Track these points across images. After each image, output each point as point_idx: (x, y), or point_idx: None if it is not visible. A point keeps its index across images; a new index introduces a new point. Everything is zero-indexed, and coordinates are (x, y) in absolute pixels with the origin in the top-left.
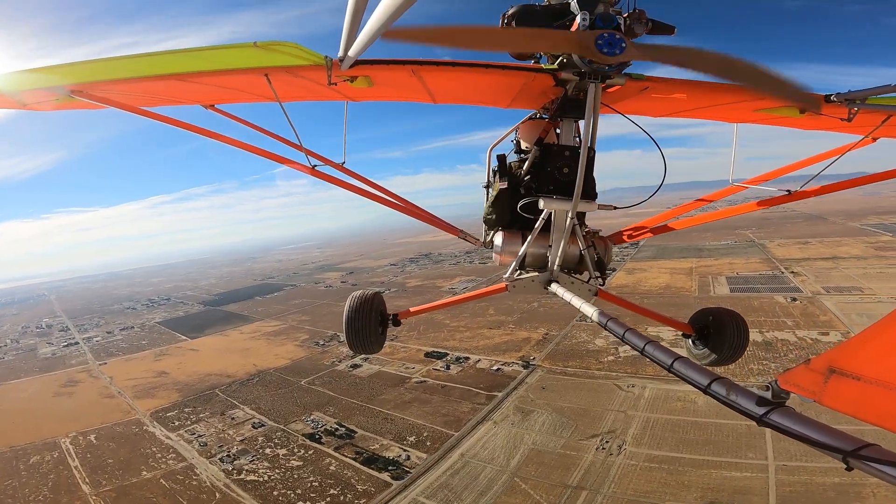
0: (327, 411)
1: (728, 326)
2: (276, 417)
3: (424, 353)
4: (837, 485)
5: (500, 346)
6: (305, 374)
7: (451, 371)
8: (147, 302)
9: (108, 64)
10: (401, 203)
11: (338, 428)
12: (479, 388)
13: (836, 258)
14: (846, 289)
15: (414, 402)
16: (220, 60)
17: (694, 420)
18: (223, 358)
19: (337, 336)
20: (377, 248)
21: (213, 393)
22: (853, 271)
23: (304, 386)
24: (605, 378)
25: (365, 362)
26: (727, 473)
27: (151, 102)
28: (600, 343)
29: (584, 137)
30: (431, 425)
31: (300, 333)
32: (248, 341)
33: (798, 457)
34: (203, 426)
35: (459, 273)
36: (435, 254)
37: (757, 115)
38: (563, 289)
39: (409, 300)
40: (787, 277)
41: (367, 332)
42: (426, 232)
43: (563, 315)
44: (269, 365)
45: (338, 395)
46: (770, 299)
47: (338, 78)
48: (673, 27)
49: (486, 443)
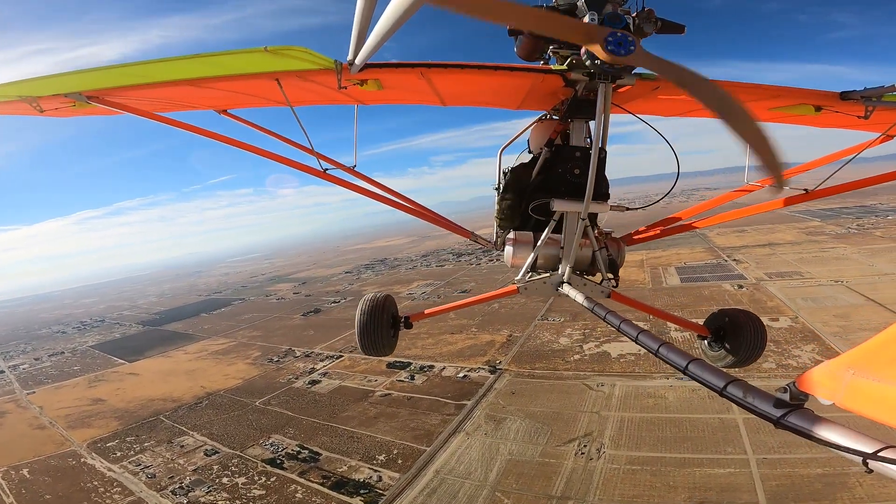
0: (287, 433)
1: (745, 328)
2: (231, 443)
3: (386, 363)
4: (822, 476)
5: (464, 351)
6: (260, 394)
7: (416, 381)
8: (78, 325)
9: (123, 70)
10: (412, 206)
11: (300, 451)
12: (447, 397)
13: (773, 244)
14: (787, 274)
15: (380, 417)
16: (232, 66)
17: (668, 416)
18: (166, 381)
19: (292, 351)
20: (330, 255)
21: (158, 419)
22: (790, 256)
23: (260, 407)
24: (573, 378)
25: (324, 377)
26: (710, 471)
27: (166, 108)
28: (564, 342)
29: (594, 138)
30: (401, 441)
31: (251, 350)
32: (193, 362)
33: (776, 449)
34: (149, 456)
35: (416, 277)
36: (391, 259)
37: (772, 113)
38: (576, 290)
39: None
40: (730, 265)
41: (378, 335)
42: (379, 237)
43: (524, 315)
44: (218, 386)
45: (297, 414)
46: (719, 287)
47: (348, 82)
48: (683, 26)
49: (460, 456)
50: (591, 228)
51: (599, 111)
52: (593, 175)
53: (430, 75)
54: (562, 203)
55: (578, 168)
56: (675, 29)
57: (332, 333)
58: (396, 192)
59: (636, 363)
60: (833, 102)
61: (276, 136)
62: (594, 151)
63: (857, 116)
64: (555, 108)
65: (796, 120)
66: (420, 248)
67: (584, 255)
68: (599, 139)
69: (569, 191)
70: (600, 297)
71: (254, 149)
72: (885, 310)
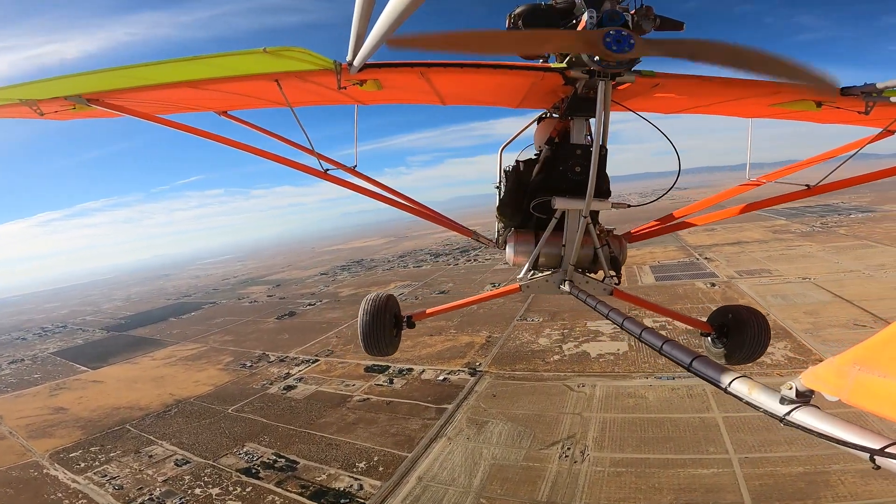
0: (262, 441)
1: (748, 325)
2: (203, 452)
3: (364, 367)
4: (804, 474)
5: (443, 353)
6: (232, 400)
7: (394, 385)
8: (39, 331)
9: (123, 73)
10: (413, 205)
11: (276, 459)
12: (428, 401)
13: (741, 243)
14: (756, 272)
15: (359, 423)
16: (232, 67)
17: (649, 416)
18: (133, 389)
19: (266, 356)
20: (305, 257)
21: (124, 429)
22: (758, 255)
23: (232, 414)
24: (554, 379)
25: (300, 383)
26: (694, 471)
27: (166, 110)
28: (544, 342)
29: (595, 136)
30: (381, 448)
31: (223, 356)
32: (161, 368)
33: (757, 448)
34: (115, 467)
35: (394, 278)
36: (367, 260)
37: (772, 109)
38: (578, 288)
39: (343, 311)
40: (702, 264)
41: (381, 334)
42: (356, 238)
43: (503, 316)
44: (188, 393)
45: (272, 421)
46: (692, 286)
47: (347, 82)
48: (682, 22)
49: (443, 462)
50: (592, 226)
51: (599, 109)
52: (594, 172)
53: (429, 75)
54: (563, 201)
55: (579, 166)
56: (674, 26)
57: (308, 337)
58: (397, 192)
59: (615, 363)
60: (833, 98)
61: (277, 137)
62: (595, 149)
63: (858, 112)
64: (555, 106)
65: (797, 116)
66: (397, 248)
67: (586, 253)
68: (600, 137)
69: (570, 188)
70: (603, 294)
71: (254, 150)
72: (852, 306)
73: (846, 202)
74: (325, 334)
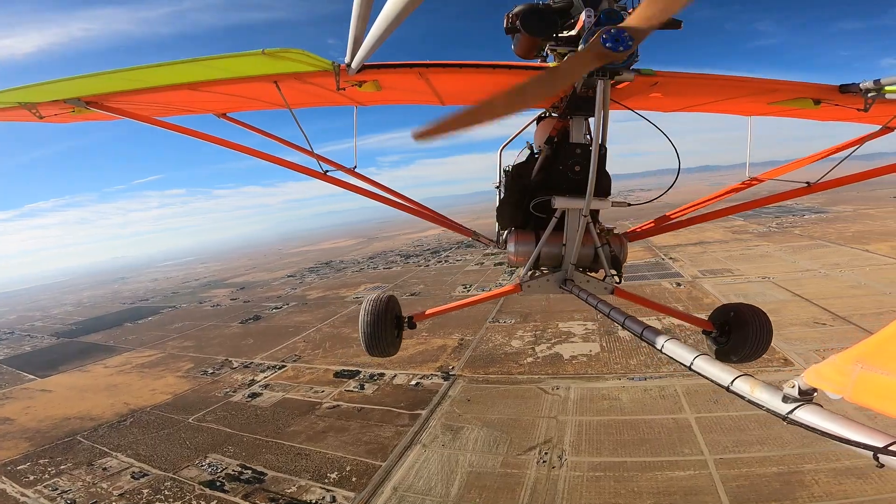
0: (226, 452)
1: (750, 323)
2: (162, 464)
3: (333, 372)
4: (779, 474)
5: (415, 357)
6: (193, 409)
7: (366, 391)
8: None
9: (122, 75)
10: (413, 206)
11: (242, 471)
12: (401, 407)
13: (703, 243)
14: (718, 271)
15: (329, 431)
16: (230, 69)
17: (623, 419)
18: (84, 398)
19: (229, 362)
20: (272, 259)
21: (75, 440)
22: (720, 254)
23: (193, 424)
24: (528, 382)
25: (265, 390)
26: (672, 474)
27: (165, 112)
28: (517, 344)
29: (594, 135)
30: (354, 457)
31: (183, 362)
32: (115, 376)
33: (731, 448)
34: (67, 480)
35: (363, 280)
36: (336, 261)
37: (771, 107)
38: (579, 287)
39: (311, 314)
40: (668, 263)
41: (382, 335)
42: (325, 239)
43: (475, 317)
44: (144, 402)
45: (237, 431)
46: (659, 286)
47: (346, 83)
48: (680, 21)
49: (418, 470)
50: (592, 225)
51: (598, 108)
52: (594, 171)
53: (428, 75)
54: (563, 200)
55: (579, 165)
56: (672, 25)
57: (274, 342)
58: (397, 193)
59: (588, 364)
60: (832, 95)
61: (276, 139)
62: (594, 148)
63: (857, 109)
64: (554, 105)
65: (796, 114)
66: (367, 249)
67: (587, 252)
68: (599, 136)
69: (570, 188)
70: (604, 293)
71: (254, 152)
72: (811, 305)
73: (800, 202)
74: (291, 339)
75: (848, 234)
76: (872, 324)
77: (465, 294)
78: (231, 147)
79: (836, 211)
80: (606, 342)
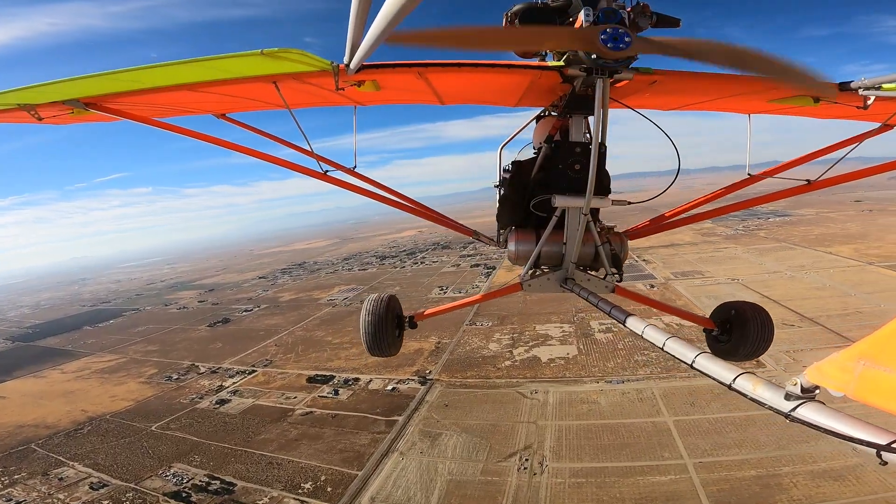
0: (192, 461)
1: (751, 321)
2: (123, 474)
3: (306, 377)
4: (757, 478)
5: (390, 361)
6: (156, 417)
7: (340, 397)
8: None
9: (121, 76)
10: (413, 205)
11: (210, 481)
12: (376, 413)
13: (674, 245)
14: (690, 273)
15: (302, 438)
16: (229, 69)
17: (603, 423)
18: (39, 405)
19: (196, 367)
20: (243, 259)
21: (29, 448)
22: (690, 256)
23: (156, 432)
24: (506, 386)
25: (234, 396)
26: (653, 479)
27: (164, 113)
28: (494, 347)
29: (594, 133)
30: (328, 466)
31: (146, 368)
32: (73, 382)
33: (709, 451)
34: (21, 490)
35: (338, 282)
36: (310, 262)
37: (771, 105)
38: (580, 286)
39: (283, 317)
40: (641, 265)
41: (383, 335)
42: (298, 240)
43: (452, 320)
44: (103, 409)
45: (204, 439)
46: (633, 287)
47: (345, 83)
48: (678, 20)
49: (396, 480)
50: (593, 223)
51: (598, 106)
52: (594, 170)
53: (427, 75)
54: (563, 199)
55: (579, 163)
56: (671, 23)
57: (244, 346)
58: (397, 192)
59: (566, 367)
60: (831, 93)
61: (275, 139)
62: (594, 147)
63: (856, 107)
64: (553, 104)
65: (796, 111)
66: (342, 250)
67: (587, 251)
68: (599, 134)
69: (570, 186)
70: (604, 291)
71: (253, 152)
72: (779, 306)
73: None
74: (262, 342)
75: (811, 236)
76: (839, 325)
77: (443, 296)
78: (231, 148)
79: (798, 214)
80: (584, 345)
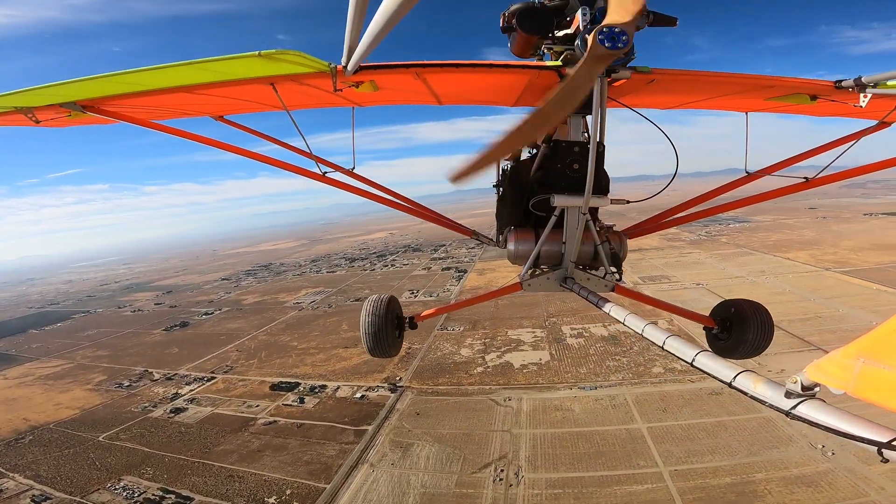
0: (144, 473)
1: (751, 319)
2: (68, 487)
3: (270, 385)
4: (732, 485)
5: (359, 367)
6: (104, 426)
7: (306, 405)
8: None
9: (118, 79)
10: (412, 206)
11: (164, 495)
12: (345, 422)
13: (641, 249)
14: (657, 277)
15: (265, 450)
16: (226, 71)
17: (577, 430)
18: None
19: (149, 373)
20: (205, 260)
21: None
22: (657, 261)
23: (104, 443)
24: (479, 393)
25: (191, 404)
26: (629, 488)
27: (162, 115)
28: (466, 353)
29: (592, 133)
30: (294, 479)
31: (94, 374)
32: (14, 389)
33: (683, 458)
34: None
35: (305, 284)
36: (276, 264)
37: (768, 103)
38: (579, 285)
39: (246, 321)
40: None
41: (384, 335)
42: (264, 240)
43: (422, 325)
44: (47, 418)
45: (157, 450)
46: None
47: (343, 84)
48: (675, 18)
49: (367, 494)
50: (592, 222)
51: (596, 105)
52: (592, 169)
53: (425, 75)
54: (562, 198)
55: (577, 163)
56: (667, 21)
57: (203, 351)
58: (396, 193)
59: (539, 373)
60: (828, 91)
61: (274, 141)
62: (592, 146)
63: (854, 105)
64: None
65: (793, 109)
66: (310, 252)
67: (587, 250)
68: (597, 133)
69: (569, 186)
70: (604, 290)
71: (252, 154)
72: None
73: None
74: (223, 348)
75: (769, 242)
76: (800, 329)
77: (413, 300)
78: (229, 149)
79: (756, 221)
80: (556, 350)
